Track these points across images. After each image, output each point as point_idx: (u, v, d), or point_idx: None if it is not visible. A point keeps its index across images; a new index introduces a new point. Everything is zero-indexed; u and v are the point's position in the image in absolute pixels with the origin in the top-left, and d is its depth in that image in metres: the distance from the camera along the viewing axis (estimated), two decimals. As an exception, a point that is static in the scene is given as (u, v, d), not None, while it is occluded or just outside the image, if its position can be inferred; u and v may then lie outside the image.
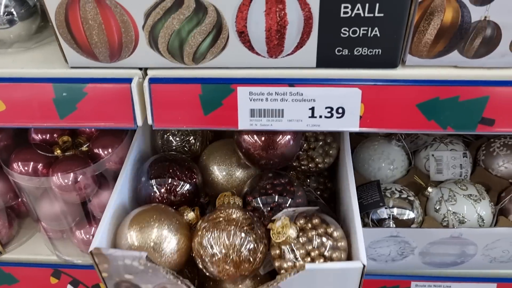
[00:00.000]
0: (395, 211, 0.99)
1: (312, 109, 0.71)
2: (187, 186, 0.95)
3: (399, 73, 0.70)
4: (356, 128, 0.72)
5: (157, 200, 0.93)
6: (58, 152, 0.98)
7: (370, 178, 1.09)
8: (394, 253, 0.99)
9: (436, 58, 0.69)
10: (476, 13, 0.64)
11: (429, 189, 1.03)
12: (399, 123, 0.72)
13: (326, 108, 0.71)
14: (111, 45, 0.69)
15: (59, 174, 0.92)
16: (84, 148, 1.01)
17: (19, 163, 0.96)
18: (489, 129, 0.71)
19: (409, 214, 0.99)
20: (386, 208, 0.99)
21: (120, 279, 0.80)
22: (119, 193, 0.89)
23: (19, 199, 1.13)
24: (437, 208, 1.00)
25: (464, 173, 1.09)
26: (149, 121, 0.74)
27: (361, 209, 0.93)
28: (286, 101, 0.71)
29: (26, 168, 0.95)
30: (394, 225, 0.98)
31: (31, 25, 0.79)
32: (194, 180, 0.97)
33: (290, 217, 0.81)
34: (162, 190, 0.93)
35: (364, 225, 0.99)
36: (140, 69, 0.73)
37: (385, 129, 0.72)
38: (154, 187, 0.94)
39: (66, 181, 0.93)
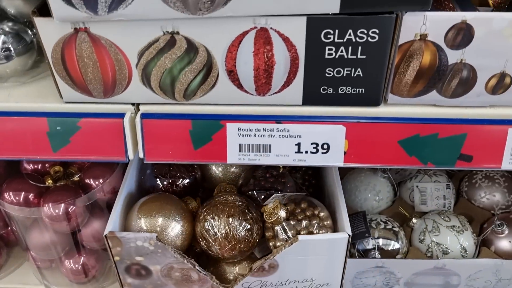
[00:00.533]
0: (381, 241, 1.01)
1: (298, 144, 0.74)
2: (188, 180, 1.06)
3: (381, 111, 0.73)
4: (341, 164, 0.74)
5: (160, 190, 1.04)
6: (49, 182, 0.99)
7: (357, 208, 1.11)
8: (380, 283, 1.01)
9: (416, 97, 0.72)
10: (453, 56, 0.68)
11: (414, 220, 1.06)
12: (382, 159, 0.75)
13: (312, 144, 0.74)
14: (105, 82, 0.72)
15: (49, 204, 0.94)
16: (76, 178, 1.03)
17: (10, 193, 0.97)
18: (467, 165, 0.74)
19: (394, 245, 1.01)
20: (372, 238, 1.01)
21: (131, 261, 0.88)
22: (128, 184, 0.98)
23: (9, 228, 1.13)
24: (421, 238, 1.03)
25: (447, 204, 1.11)
26: (140, 155, 0.76)
27: (347, 240, 0.96)
28: (274, 137, 0.74)
29: (17, 198, 0.96)
30: (379, 256, 1.00)
31: (27, 60, 0.82)
32: (194, 173, 1.07)
33: (280, 200, 0.91)
34: (165, 183, 1.04)
35: (351, 255, 1.01)
36: (133, 104, 0.75)
37: (369, 164, 0.75)
38: (158, 179, 1.04)
39: (56, 211, 0.94)
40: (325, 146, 0.74)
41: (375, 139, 0.73)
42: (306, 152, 0.74)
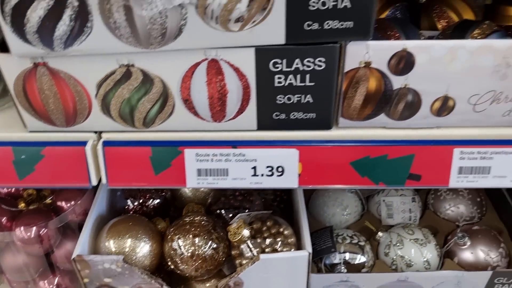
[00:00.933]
0: (347, 256, 1.04)
1: (254, 168, 0.77)
2: (158, 200, 1.11)
3: (333, 134, 0.76)
4: (295, 185, 0.77)
5: (131, 211, 1.07)
6: (22, 205, 1.02)
7: (325, 223, 1.14)
8: (347, 297, 1.04)
9: (366, 120, 0.76)
10: (397, 82, 0.71)
11: (379, 234, 1.09)
12: (335, 180, 0.78)
13: (267, 167, 0.77)
14: (66, 112, 0.75)
15: (21, 228, 0.96)
16: (48, 200, 1.05)
17: (-17, 217, 0.99)
18: (416, 183, 0.77)
19: (360, 259, 1.04)
20: (338, 253, 1.04)
21: (100, 283, 0.92)
22: (98, 206, 1.02)
23: (-15, 251, 1.15)
24: (387, 252, 1.06)
25: (413, 217, 1.14)
26: (103, 181, 0.79)
27: (314, 255, 0.99)
28: (230, 161, 0.76)
29: (-11, 222, 0.99)
30: (345, 270, 1.02)
31: (-7, 90, 0.84)
32: (164, 194, 1.12)
33: (245, 220, 0.94)
34: (135, 204, 1.09)
35: (318, 270, 1.04)
36: (95, 132, 0.78)
37: (322, 185, 0.78)
38: (128, 201, 1.09)
39: (28, 234, 0.96)
40: (280, 169, 0.77)
41: (328, 161, 0.76)
42: (262, 175, 0.77)
